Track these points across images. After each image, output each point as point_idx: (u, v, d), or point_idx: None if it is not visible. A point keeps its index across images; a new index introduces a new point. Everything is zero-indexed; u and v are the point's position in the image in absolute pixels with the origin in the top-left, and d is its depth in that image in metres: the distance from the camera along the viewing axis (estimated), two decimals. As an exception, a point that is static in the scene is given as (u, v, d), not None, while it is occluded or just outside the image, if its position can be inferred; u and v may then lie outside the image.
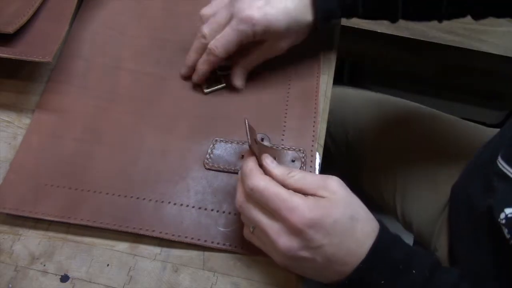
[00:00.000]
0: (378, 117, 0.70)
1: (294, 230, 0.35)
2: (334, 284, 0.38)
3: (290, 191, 0.36)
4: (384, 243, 0.37)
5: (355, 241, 0.36)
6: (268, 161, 0.39)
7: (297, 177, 0.37)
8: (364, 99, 0.73)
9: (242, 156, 0.46)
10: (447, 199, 0.62)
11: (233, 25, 0.45)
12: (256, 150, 0.39)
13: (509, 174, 0.43)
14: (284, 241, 0.35)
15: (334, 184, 0.37)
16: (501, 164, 0.45)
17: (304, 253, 0.36)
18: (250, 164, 0.38)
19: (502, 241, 0.42)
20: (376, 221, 0.38)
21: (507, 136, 0.48)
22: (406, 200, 0.66)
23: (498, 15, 0.50)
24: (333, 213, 0.35)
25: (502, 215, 0.42)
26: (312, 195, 0.37)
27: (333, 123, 0.70)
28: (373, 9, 0.48)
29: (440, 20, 0.50)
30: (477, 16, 0.50)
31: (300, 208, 0.35)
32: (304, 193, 0.37)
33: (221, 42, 0.46)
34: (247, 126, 0.38)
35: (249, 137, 0.38)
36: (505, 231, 0.41)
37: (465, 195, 0.52)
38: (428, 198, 0.64)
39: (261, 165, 0.39)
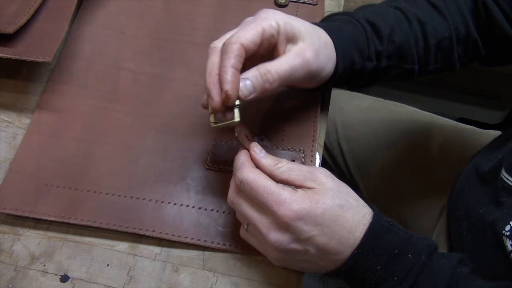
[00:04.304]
0: (372, 126, 0.70)
1: (283, 224, 0.35)
2: (332, 274, 0.38)
3: (279, 184, 0.36)
4: (378, 228, 0.37)
5: (347, 229, 0.36)
6: (257, 150, 0.39)
7: (284, 168, 0.38)
8: (357, 106, 0.72)
9: None
10: (443, 205, 0.61)
11: None
12: (246, 143, 0.39)
13: None
14: (274, 235, 0.36)
15: (322, 175, 0.38)
16: (507, 178, 0.44)
17: (295, 246, 0.36)
18: (242, 158, 0.39)
19: (503, 253, 0.42)
20: (368, 207, 0.38)
21: (509, 148, 0.48)
22: (401, 207, 0.66)
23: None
24: (321, 203, 0.36)
25: (507, 227, 0.42)
26: (299, 186, 0.37)
27: (327, 132, 0.70)
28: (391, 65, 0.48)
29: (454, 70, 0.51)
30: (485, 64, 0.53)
31: (288, 201, 0.35)
32: (292, 184, 0.37)
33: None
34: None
35: (236, 128, 0.38)
36: (509, 243, 0.41)
37: (466, 205, 0.52)
38: (424, 205, 0.64)
39: (251, 156, 0.39)
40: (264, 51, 0.39)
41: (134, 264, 0.43)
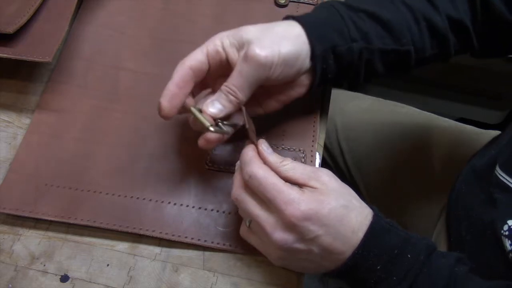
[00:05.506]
0: (372, 126, 0.70)
1: (289, 223, 0.35)
2: (331, 274, 0.38)
3: (288, 183, 0.37)
4: (378, 228, 0.37)
5: (350, 229, 0.36)
6: (264, 146, 0.39)
7: (289, 166, 0.38)
8: (357, 106, 0.72)
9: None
10: (443, 205, 0.61)
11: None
12: (254, 137, 0.40)
13: (510, 185, 0.43)
14: (280, 234, 0.36)
15: (325, 176, 0.38)
16: (501, 174, 0.45)
17: (300, 246, 0.36)
18: (250, 153, 0.39)
19: (502, 253, 0.42)
20: (369, 208, 0.39)
21: (503, 144, 0.48)
22: (401, 207, 0.66)
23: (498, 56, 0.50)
24: (327, 203, 0.36)
25: (505, 227, 0.42)
26: (303, 184, 0.37)
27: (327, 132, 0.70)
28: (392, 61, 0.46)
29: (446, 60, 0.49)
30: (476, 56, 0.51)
31: (296, 201, 0.35)
32: (295, 182, 0.37)
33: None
34: (244, 111, 0.39)
35: (246, 120, 0.39)
36: (507, 243, 0.41)
37: (464, 204, 0.52)
38: (424, 205, 0.64)
39: (259, 151, 0.39)
40: (222, 68, 0.41)
41: (134, 264, 0.43)
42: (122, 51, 0.54)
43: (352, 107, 0.73)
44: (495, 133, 0.67)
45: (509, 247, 0.41)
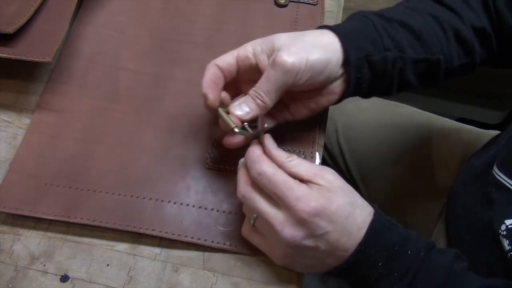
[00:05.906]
0: (372, 126, 0.70)
1: (300, 219, 0.36)
2: (333, 272, 0.39)
3: (297, 181, 0.37)
4: (378, 226, 0.38)
5: (355, 226, 0.37)
6: (270, 141, 0.40)
7: (295, 162, 0.38)
8: (357, 106, 0.72)
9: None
10: (443, 205, 0.62)
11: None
12: (262, 137, 0.40)
13: (507, 185, 0.43)
14: (289, 230, 0.36)
15: (330, 174, 0.38)
16: (498, 174, 0.45)
17: (308, 242, 0.36)
18: (257, 151, 0.39)
19: (501, 253, 0.42)
20: (371, 206, 0.39)
21: (501, 144, 0.48)
22: (401, 207, 0.66)
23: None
24: (334, 200, 0.36)
25: (503, 227, 0.42)
26: (307, 181, 0.37)
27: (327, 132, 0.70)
28: (421, 72, 0.46)
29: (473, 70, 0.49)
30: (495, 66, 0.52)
31: (306, 197, 0.36)
32: (300, 178, 0.38)
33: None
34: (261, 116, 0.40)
35: (260, 123, 0.39)
36: (505, 242, 0.41)
37: (463, 204, 0.52)
38: (424, 205, 0.64)
39: (264, 145, 0.40)
40: (252, 73, 0.42)
41: (134, 264, 0.43)
42: (122, 51, 0.54)
43: (352, 107, 0.73)
44: (495, 133, 0.67)
45: (507, 247, 0.41)
